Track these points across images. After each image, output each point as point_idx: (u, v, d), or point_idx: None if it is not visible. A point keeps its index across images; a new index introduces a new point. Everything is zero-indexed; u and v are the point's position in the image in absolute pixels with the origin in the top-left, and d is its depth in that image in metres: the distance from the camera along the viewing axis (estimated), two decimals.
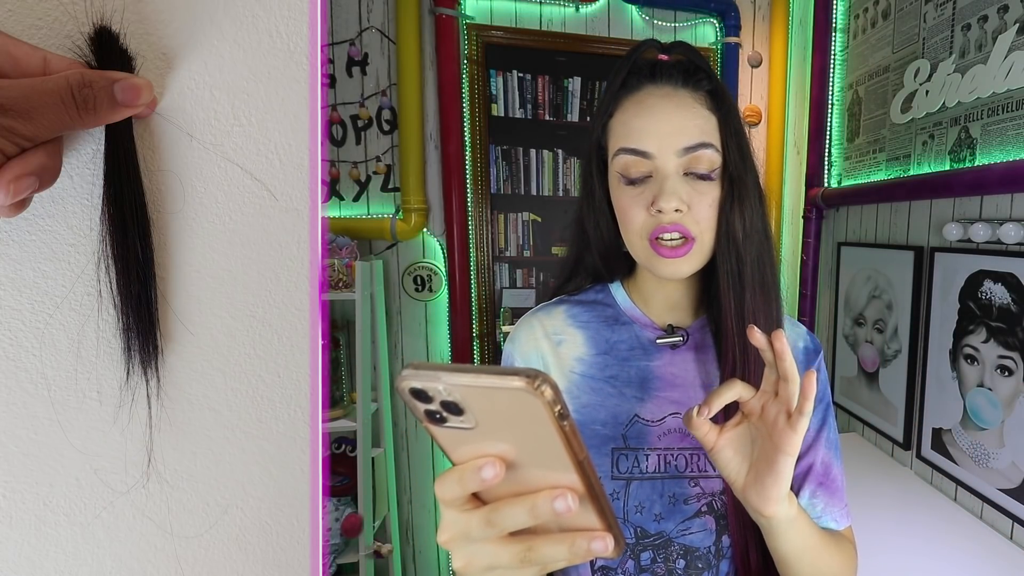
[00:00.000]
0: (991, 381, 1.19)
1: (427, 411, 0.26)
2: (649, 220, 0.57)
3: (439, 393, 0.25)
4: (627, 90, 0.60)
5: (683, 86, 0.59)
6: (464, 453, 0.28)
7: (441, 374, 0.25)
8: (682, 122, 0.57)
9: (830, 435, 0.64)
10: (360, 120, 1.87)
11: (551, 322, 0.67)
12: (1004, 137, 1.18)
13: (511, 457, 0.27)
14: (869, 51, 1.69)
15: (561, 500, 0.26)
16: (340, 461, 1.80)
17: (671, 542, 0.59)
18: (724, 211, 0.58)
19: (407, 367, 0.26)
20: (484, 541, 0.29)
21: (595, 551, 0.28)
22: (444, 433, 0.27)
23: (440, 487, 0.29)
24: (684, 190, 0.57)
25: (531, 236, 2.03)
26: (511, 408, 0.25)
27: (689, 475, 0.60)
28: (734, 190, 0.58)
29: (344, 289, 1.64)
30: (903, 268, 1.48)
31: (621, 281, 0.68)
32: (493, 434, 0.26)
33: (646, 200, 0.57)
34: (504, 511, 0.28)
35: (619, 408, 0.61)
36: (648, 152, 0.57)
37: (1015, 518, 1.15)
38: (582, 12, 1.96)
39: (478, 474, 0.27)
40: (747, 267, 0.59)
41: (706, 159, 0.57)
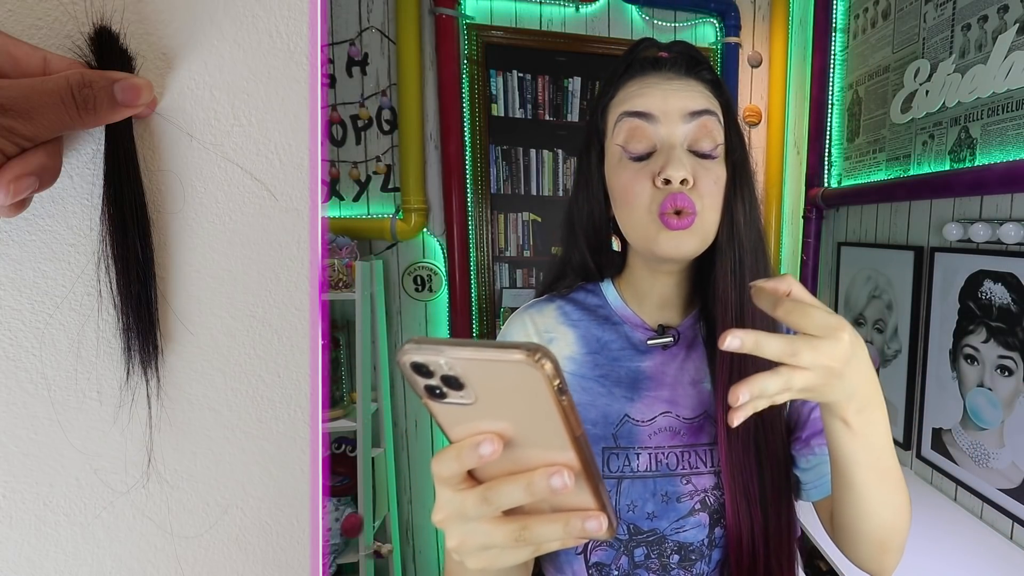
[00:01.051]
0: (991, 381, 1.19)
1: (427, 386, 0.26)
2: (656, 193, 0.56)
3: (440, 367, 0.25)
4: (630, 76, 0.61)
5: (687, 75, 0.59)
6: (462, 431, 0.28)
7: (443, 348, 0.25)
8: (686, 94, 0.57)
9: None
10: (360, 120, 1.87)
11: (542, 320, 0.66)
12: (1004, 137, 1.18)
13: (509, 435, 0.27)
14: (869, 51, 1.69)
15: (558, 477, 0.26)
16: (340, 461, 1.80)
17: (665, 539, 0.59)
18: (728, 193, 0.58)
19: (408, 341, 0.26)
20: (479, 520, 0.29)
21: (589, 531, 0.28)
22: (443, 409, 0.27)
23: (437, 464, 0.29)
24: (691, 162, 0.56)
25: (531, 236, 2.03)
26: (511, 382, 0.25)
27: (681, 473, 0.59)
28: (736, 174, 0.58)
29: (344, 289, 1.64)
30: (903, 268, 1.48)
31: (612, 280, 0.68)
32: (492, 410, 0.27)
33: (651, 172, 0.56)
34: (500, 488, 0.28)
35: (609, 408, 0.61)
36: (652, 114, 0.57)
37: (1015, 518, 1.15)
38: (582, 12, 1.96)
39: (476, 450, 0.27)
40: (748, 255, 0.58)
41: (710, 133, 0.57)
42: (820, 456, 0.60)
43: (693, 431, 0.61)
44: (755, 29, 2.07)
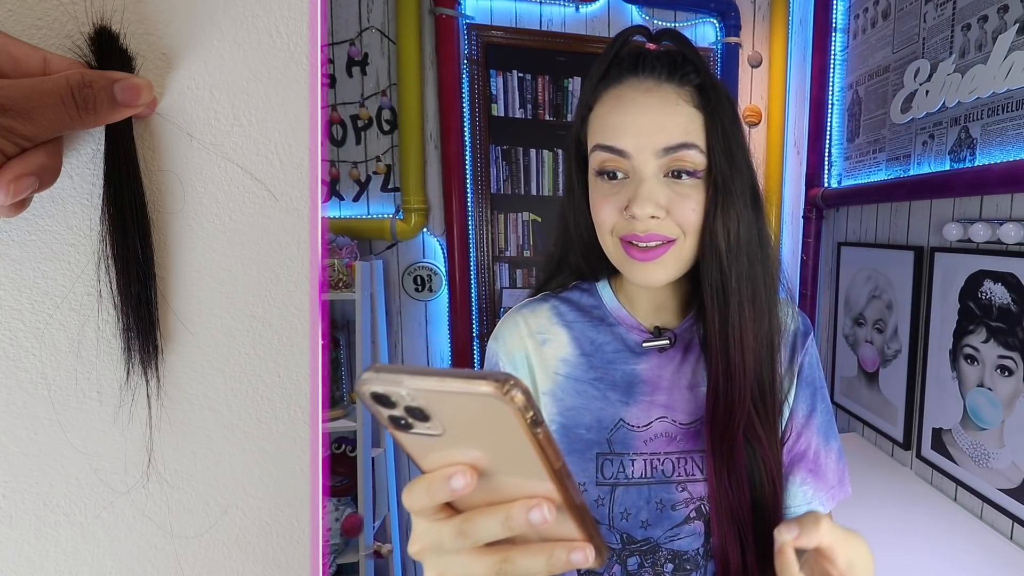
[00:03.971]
0: (991, 381, 1.19)
1: (391, 417, 0.25)
2: (621, 222, 0.55)
3: (402, 398, 0.24)
4: (607, 82, 0.57)
5: (667, 80, 0.54)
6: (433, 461, 0.26)
7: (404, 378, 0.23)
8: (662, 120, 0.53)
9: (820, 420, 0.62)
10: (360, 120, 1.86)
11: (536, 320, 0.65)
12: (1004, 137, 1.18)
13: (483, 464, 0.25)
14: (869, 51, 1.69)
15: (537, 511, 0.25)
16: (340, 461, 1.80)
17: (659, 547, 0.58)
18: (708, 218, 0.54)
19: (368, 369, 0.24)
20: (457, 552, 0.28)
21: (575, 562, 0.26)
22: (410, 440, 0.26)
23: (408, 497, 0.27)
24: (663, 194, 0.53)
25: (531, 236, 2.03)
26: (480, 414, 0.23)
27: (676, 480, 0.58)
28: (718, 196, 0.54)
29: (344, 289, 1.64)
30: (903, 268, 1.48)
31: (608, 280, 0.66)
32: (463, 441, 0.25)
33: (620, 202, 0.54)
34: (477, 522, 0.26)
35: (604, 412, 0.60)
36: (624, 151, 0.53)
37: (1015, 518, 1.15)
38: (582, 12, 1.96)
39: (447, 484, 0.25)
40: (732, 281, 0.54)
41: (688, 160, 0.53)
42: (788, 488, 0.60)
43: (690, 437, 0.59)
44: (755, 29, 2.07)
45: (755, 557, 0.56)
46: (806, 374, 0.63)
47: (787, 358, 0.62)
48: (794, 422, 0.61)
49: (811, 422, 0.62)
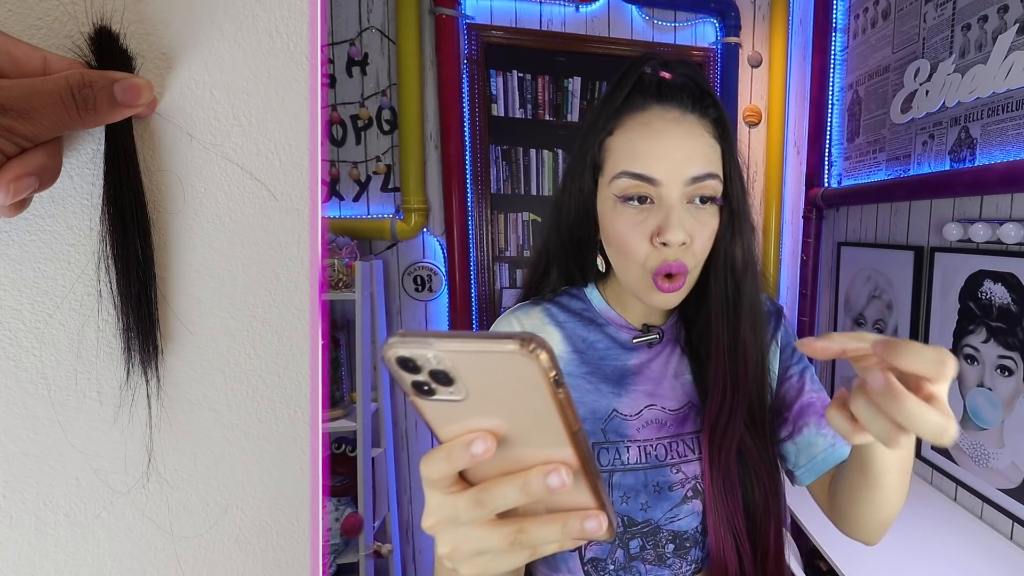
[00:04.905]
0: (991, 381, 1.19)
1: (415, 383, 0.25)
2: (653, 253, 0.56)
3: (428, 361, 0.24)
4: (631, 108, 0.58)
5: (691, 111, 0.57)
6: (453, 430, 0.26)
7: (431, 340, 0.23)
8: (691, 150, 0.55)
9: (813, 380, 0.67)
10: (360, 120, 1.87)
11: (529, 320, 0.67)
12: (1004, 137, 1.18)
13: (502, 432, 0.26)
14: (869, 51, 1.69)
15: (555, 475, 0.25)
16: (340, 461, 1.80)
17: (659, 529, 0.60)
18: (723, 242, 0.59)
19: (394, 335, 0.24)
20: (472, 524, 0.28)
21: (589, 531, 0.27)
22: (432, 407, 0.26)
23: (426, 466, 0.27)
24: (689, 221, 0.56)
25: (531, 236, 2.03)
26: (504, 375, 0.24)
27: (670, 462, 0.61)
28: (734, 221, 0.59)
29: (344, 289, 1.64)
30: (903, 268, 1.48)
31: (596, 283, 0.69)
32: (484, 406, 0.25)
33: (649, 229, 0.56)
34: (494, 490, 0.27)
35: (597, 404, 0.62)
36: (655, 179, 0.55)
37: (1015, 518, 1.15)
38: (582, 12, 1.96)
39: (467, 450, 0.25)
40: (744, 299, 0.60)
41: (710, 188, 0.56)
42: (807, 436, 0.62)
43: (679, 421, 0.63)
44: (755, 29, 2.07)
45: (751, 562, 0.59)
46: (791, 342, 0.68)
47: (768, 336, 0.67)
48: (790, 383, 0.66)
49: (804, 379, 0.66)
